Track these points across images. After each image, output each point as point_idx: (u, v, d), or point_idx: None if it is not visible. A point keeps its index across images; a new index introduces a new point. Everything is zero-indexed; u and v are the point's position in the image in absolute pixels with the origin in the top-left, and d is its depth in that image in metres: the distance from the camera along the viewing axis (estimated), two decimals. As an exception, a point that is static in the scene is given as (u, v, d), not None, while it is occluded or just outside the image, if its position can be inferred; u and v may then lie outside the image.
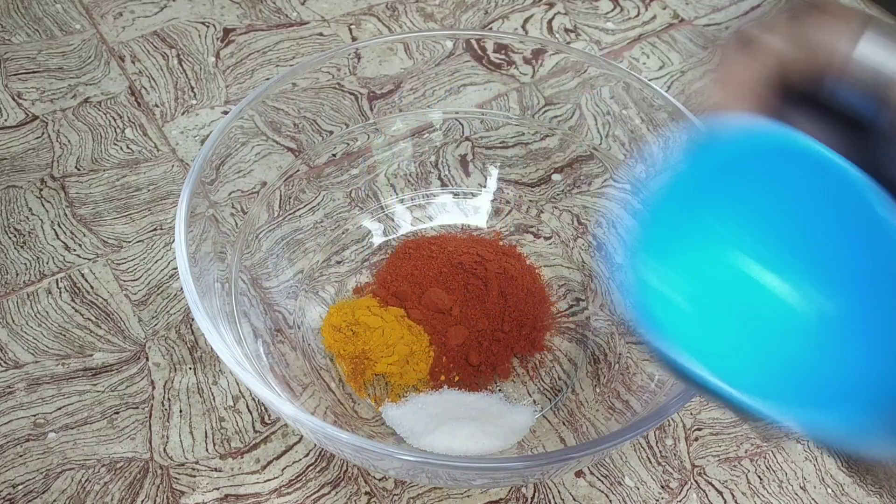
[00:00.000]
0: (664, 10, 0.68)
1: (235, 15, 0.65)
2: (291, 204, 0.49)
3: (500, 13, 0.67)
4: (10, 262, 0.50)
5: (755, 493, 0.43)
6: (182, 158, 0.56)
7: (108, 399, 0.45)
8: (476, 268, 0.48)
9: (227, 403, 0.45)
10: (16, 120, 0.58)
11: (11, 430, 0.43)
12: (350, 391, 0.44)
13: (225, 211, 0.44)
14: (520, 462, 0.33)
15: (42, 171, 0.55)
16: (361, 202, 0.52)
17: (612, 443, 0.32)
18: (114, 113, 0.58)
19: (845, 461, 0.33)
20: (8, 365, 0.46)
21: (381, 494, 0.42)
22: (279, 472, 0.43)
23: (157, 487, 0.42)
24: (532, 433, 0.43)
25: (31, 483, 0.42)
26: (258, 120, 0.45)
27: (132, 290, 0.49)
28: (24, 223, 0.52)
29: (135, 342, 0.47)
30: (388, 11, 0.67)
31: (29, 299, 0.48)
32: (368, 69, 0.51)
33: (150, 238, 0.52)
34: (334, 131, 0.50)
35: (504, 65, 0.56)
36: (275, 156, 0.48)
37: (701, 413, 0.45)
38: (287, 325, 0.46)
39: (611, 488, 0.43)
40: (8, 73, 0.60)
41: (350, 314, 0.45)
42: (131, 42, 0.63)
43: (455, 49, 0.55)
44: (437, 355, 0.45)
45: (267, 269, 0.47)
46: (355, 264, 0.50)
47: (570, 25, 0.67)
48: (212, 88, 0.60)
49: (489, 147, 0.53)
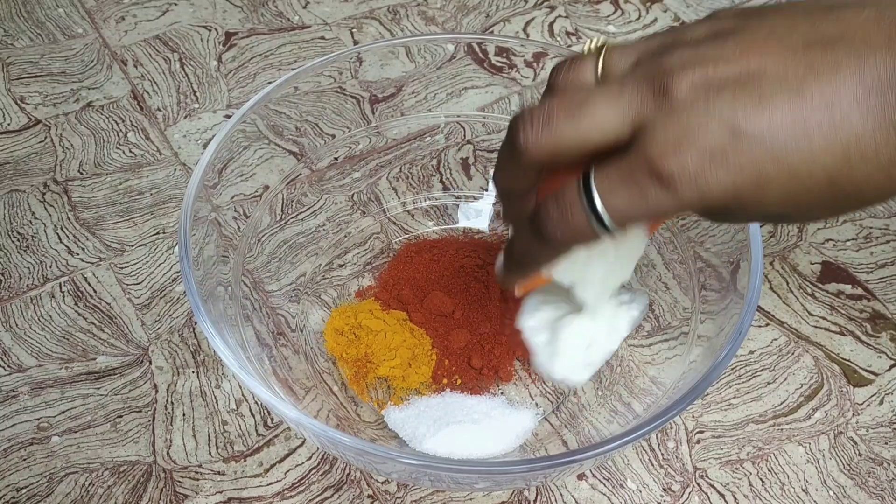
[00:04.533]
0: (665, 13, 0.68)
1: (237, 19, 0.66)
2: (294, 207, 0.49)
3: (502, 16, 0.67)
4: (14, 266, 0.50)
5: (757, 496, 0.43)
6: (184, 162, 0.56)
7: (111, 403, 0.45)
8: (478, 271, 0.48)
9: (229, 407, 0.45)
10: (19, 124, 0.58)
11: (15, 433, 0.43)
12: (352, 394, 0.45)
13: (227, 214, 0.44)
14: (522, 465, 0.33)
15: (45, 175, 0.55)
16: (363, 205, 0.52)
17: (614, 446, 0.32)
18: (116, 117, 0.58)
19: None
20: (11, 369, 0.46)
21: (384, 498, 0.42)
22: (282, 476, 0.43)
23: (161, 491, 0.42)
24: (534, 436, 0.43)
25: (35, 487, 0.42)
26: (260, 124, 0.46)
27: (135, 294, 0.49)
28: (28, 227, 0.52)
29: (138, 346, 0.47)
30: (389, 15, 0.67)
31: (32, 303, 0.48)
32: (370, 73, 0.51)
33: (153, 242, 0.52)
34: (336, 135, 0.50)
35: (505, 68, 0.56)
36: (277, 159, 0.48)
37: (703, 416, 0.45)
38: (289, 329, 0.46)
39: (613, 491, 0.43)
40: (11, 78, 0.60)
41: (352, 318, 0.46)
42: (133, 46, 0.63)
43: (456, 52, 0.55)
44: (439, 358, 0.45)
45: (269, 272, 0.47)
46: (357, 268, 0.50)
47: (571, 28, 0.67)
48: (214, 92, 0.60)
49: (491, 150, 0.53)
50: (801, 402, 0.46)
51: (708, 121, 0.25)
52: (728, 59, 0.25)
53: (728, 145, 0.24)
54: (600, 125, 0.26)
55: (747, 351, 0.48)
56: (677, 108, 0.25)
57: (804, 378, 0.47)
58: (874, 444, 0.45)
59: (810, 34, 0.25)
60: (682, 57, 0.26)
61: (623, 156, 0.26)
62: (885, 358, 0.48)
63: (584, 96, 0.27)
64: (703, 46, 0.26)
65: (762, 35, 0.25)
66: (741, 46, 0.25)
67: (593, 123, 0.27)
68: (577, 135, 0.27)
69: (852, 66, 0.24)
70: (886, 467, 0.44)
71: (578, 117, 0.27)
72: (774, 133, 0.24)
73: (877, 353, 0.48)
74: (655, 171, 0.25)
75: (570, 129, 0.27)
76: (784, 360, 0.48)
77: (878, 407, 0.46)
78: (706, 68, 0.25)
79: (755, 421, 0.45)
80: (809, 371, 0.47)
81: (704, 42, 0.26)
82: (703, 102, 0.25)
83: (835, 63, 0.24)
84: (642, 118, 0.26)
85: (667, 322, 0.44)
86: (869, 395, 0.46)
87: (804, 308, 0.50)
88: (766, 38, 0.25)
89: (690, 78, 0.25)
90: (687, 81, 0.25)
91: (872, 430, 0.45)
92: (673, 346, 0.43)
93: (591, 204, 0.27)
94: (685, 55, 0.26)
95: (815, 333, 0.49)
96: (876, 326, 0.49)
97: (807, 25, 0.25)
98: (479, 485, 0.39)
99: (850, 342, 0.48)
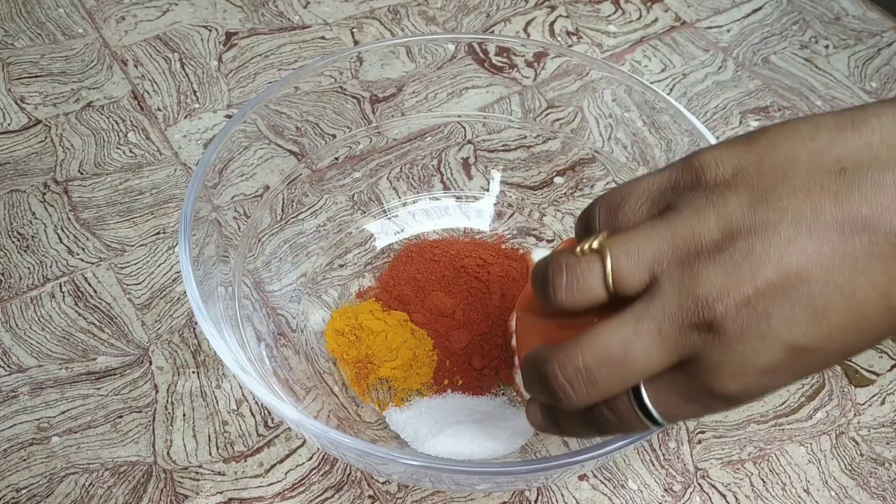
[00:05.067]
0: (666, 13, 0.68)
1: (238, 19, 0.66)
2: (294, 207, 0.49)
3: (502, 16, 0.67)
4: (14, 266, 0.50)
5: (758, 496, 0.43)
6: (185, 162, 0.56)
7: (111, 403, 0.45)
8: (478, 271, 0.48)
9: (230, 407, 0.45)
10: (19, 124, 0.58)
11: (15, 433, 0.43)
12: (353, 395, 0.44)
13: (228, 215, 0.44)
14: (523, 466, 0.33)
15: (45, 176, 0.55)
16: (364, 206, 0.52)
17: (616, 446, 0.32)
18: (116, 117, 0.58)
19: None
20: (12, 369, 0.46)
21: (385, 498, 0.42)
22: (282, 476, 0.43)
23: (161, 491, 0.42)
24: (536, 436, 0.43)
25: (35, 487, 0.42)
26: (261, 124, 0.45)
27: (135, 294, 0.49)
28: (28, 227, 0.52)
29: (138, 346, 0.47)
30: (390, 15, 0.67)
31: (32, 303, 0.48)
32: (370, 73, 0.51)
33: (153, 242, 0.52)
34: (337, 135, 0.50)
35: (506, 68, 0.56)
36: (277, 159, 0.48)
37: (704, 416, 0.45)
38: (290, 329, 0.46)
39: (614, 491, 0.43)
40: (11, 78, 0.60)
41: (353, 318, 0.45)
42: (134, 46, 0.63)
43: (457, 52, 0.55)
44: (440, 359, 0.45)
45: (270, 272, 0.47)
46: (358, 268, 0.50)
47: (571, 28, 0.67)
48: (214, 92, 0.60)
49: (491, 150, 0.53)
50: (802, 403, 0.46)
51: (765, 347, 0.24)
52: (765, 274, 0.23)
53: (792, 360, 0.24)
54: (646, 371, 0.25)
55: (748, 351, 0.48)
56: (729, 341, 0.24)
57: (805, 378, 0.47)
58: (876, 445, 0.44)
59: (840, 220, 0.23)
60: (714, 282, 0.24)
61: (675, 376, 0.25)
62: (887, 358, 0.48)
63: (620, 350, 0.25)
64: (730, 261, 0.24)
65: (789, 234, 0.23)
66: (774, 255, 0.23)
67: (639, 373, 0.25)
68: (624, 385, 0.26)
69: (892, 251, 0.23)
70: (888, 467, 0.44)
71: (623, 374, 0.25)
72: (837, 338, 0.24)
73: (878, 353, 0.48)
74: (717, 395, 0.25)
75: (616, 384, 0.26)
76: (785, 361, 0.48)
77: (880, 407, 0.46)
78: (746, 289, 0.23)
79: (756, 421, 0.45)
80: (811, 371, 0.47)
81: (727, 251, 0.24)
82: (755, 330, 0.23)
83: (879, 257, 0.23)
84: (692, 352, 0.25)
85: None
86: (870, 396, 0.46)
87: (805, 308, 0.50)
88: (794, 238, 0.23)
89: (733, 306, 0.23)
90: (731, 312, 0.23)
91: (874, 431, 0.45)
92: (674, 347, 0.43)
93: (646, 413, 0.26)
94: (716, 279, 0.24)
95: (817, 334, 0.49)
96: (877, 326, 0.49)
97: (831, 207, 0.23)
98: (480, 486, 0.39)
99: (852, 342, 0.48)
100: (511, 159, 0.53)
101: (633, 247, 0.26)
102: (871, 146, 0.24)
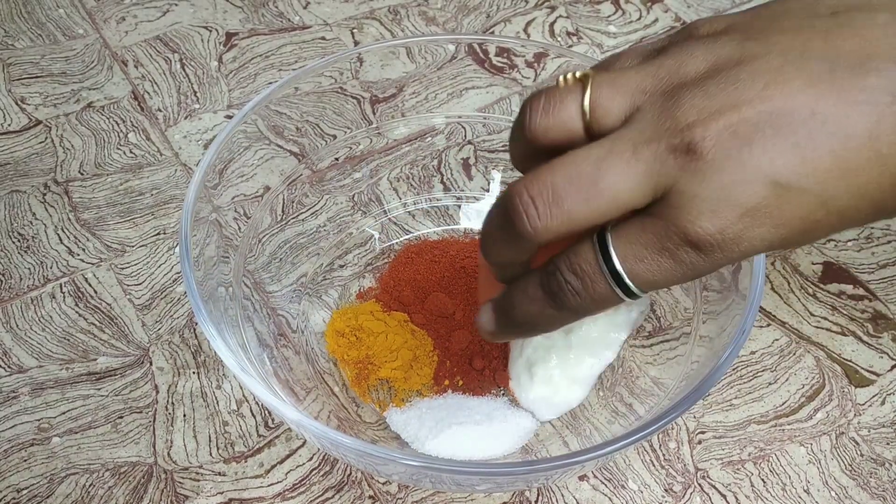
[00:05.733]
0: (666, 13, 0.68)
1: (238, 19, 0.66)
2: (294, 208, 0.49)
3: (502, 17, 0.67)
4: (14, 266, 0.50)
5: (759, 497, 0.43)
6: (185, 163, 0.56)
7: (111, 403, 0.45)
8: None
9: (230, 408, 0.45)
10: (19, 125, 0.58)
11: (16, 434, 0.43)
12: (354, 395, 0.44)
13: (228, 215, 0.44)
14: (523, 467, 0.33)
15: (45, 176, 0.55)
16: (364, 206, 0.52)
17: (616, 447, 0.32)
18: (117, 117, 0.58)
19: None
20: (12, 369, 0.46)
21: (385, 498, 0.42)
22: (283, 476, 0.43)
23: (162, 492, 0.42)
24: (536, 437, 0.43)
25: (36, 488, 0.42)
26: (261, 124, 0.45)
27: (136, 295, 0.49)
28: (28, 228, 0.52)
29: (138, 346, 0.47)
30: (390, 15, 0.67)
31: (33, 304, 0.48)
32: (371, 73, 0.51)
33: (154, 242, 0.52)
34: (337, 135, 0.50)
35: (506, 68, 0.56)
36: (278, 160, 0.48)
37: (704, 416, 0.45)
38: (290, 330, 0.46)
39: (614, 492, 0.43)
40: (11, 78, 0.60)
41: (353, 319, 0.46)
42: (134, 46, 0.63)
43: (457, 53, 0.55)
44: (440, 360, 0.45)
45: (270, 273, 0.47)
46: (358, 268, 0.50)
47: (571, 29, 0.67)
48: (214, 93, 0.60)
49: (492, 151, 0.53)
50: (802, 403, 0.46)
51: (745, 178, 0.22)
52: (750, 100, 0.22)
53: (771, 200, 0.22)
54: (617, 198, 0.24)
55: (748, 351, 0.48)
56: (707, 168, 0.22)
57: (805, 378, 0.47)
58: (876, 445, 0.44)
59: (829, 54, 0.22)
60: (696, 105, 0.23)
61: (646, 220, 0.24)
62: (887, 358, 0.48)
63: (592, 168, 0.24)
64: (714, 87, 0.23)
65: (775, 64, 0.23)
66: (758, 82, 0.23)
67: (609, 198, 0.24)
68: (591, 213, 0.24)
69: (886, 89, 0.22)
70: (888, 468, 0.44)
71: (592, 194, 0.24)
72: (820, 180, 0.22)
73: (878, 353, 0.48)
74: (691, 240, 0.23)
75: (584, 208, 0.24)
76: (785, 361, 0.48)
77: (880, 407, 0.46)
78: (729, 116, 0.22)
79: (756, 421, 0.45)
80: (811, 371, 0.47)
81: (713, 80, 0.23)
82: (736, 157, 0.22)
83: (867, 89, 0.22)
84: (666, 182, 0.23)
85: (668, 322, 0.44)
86: (870, 396, 0.46)
87: (805, 308, 0.50)
88: (780, 67, 0.23)
89: (714, 130, 0.22)
90: (711, 136, 0.22)
91: (874, 431, 0.45)
92: (674, 347, 0.43)
93: (613, 272, 0.24)
94: (699, 103, 0.23)
95: (817, 334, 0.49)
96: (877, 327, 0.49)
97: (820, 42, 0.23)
98: (480, 487, 0.39)
99: (852, 342, 0.48)
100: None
101: (617, 78, 0.25)
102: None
